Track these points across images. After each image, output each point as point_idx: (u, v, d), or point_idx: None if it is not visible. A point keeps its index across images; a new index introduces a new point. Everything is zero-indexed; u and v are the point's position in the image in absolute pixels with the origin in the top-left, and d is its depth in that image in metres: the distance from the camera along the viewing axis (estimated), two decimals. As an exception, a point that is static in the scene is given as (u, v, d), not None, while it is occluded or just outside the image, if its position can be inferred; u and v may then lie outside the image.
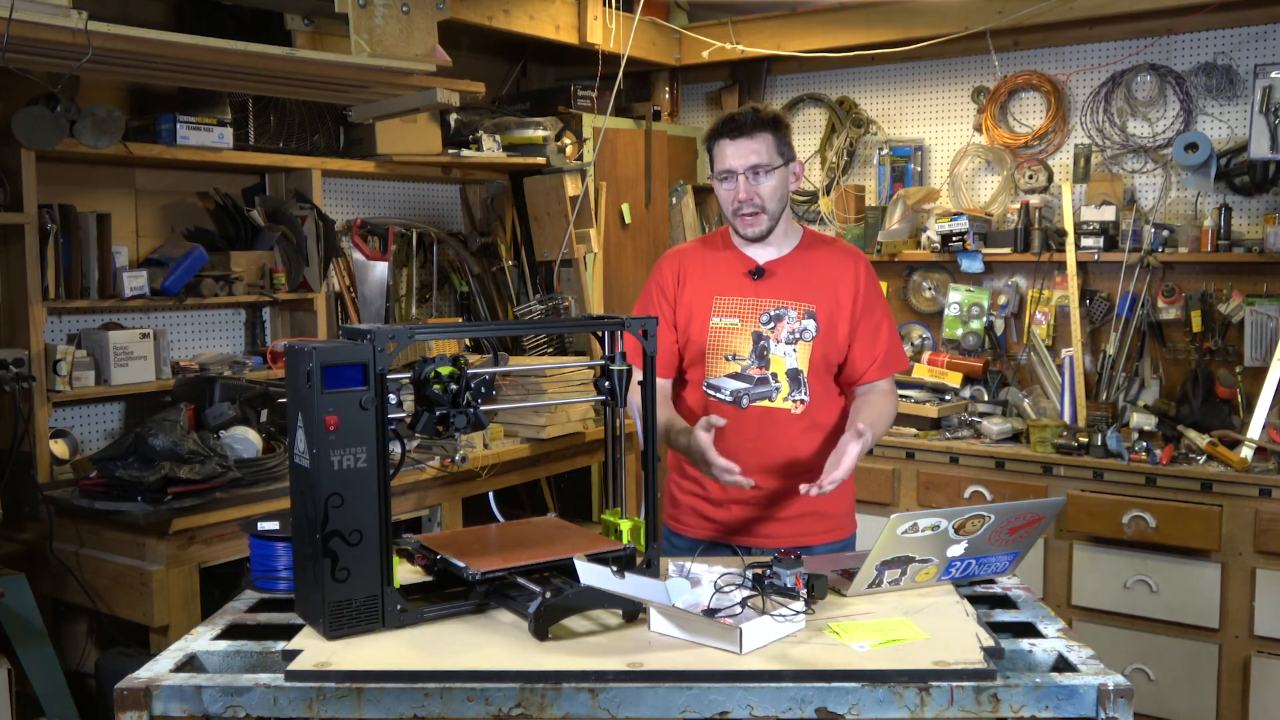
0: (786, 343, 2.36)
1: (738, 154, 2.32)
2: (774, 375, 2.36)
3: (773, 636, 1.63)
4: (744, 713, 1.51)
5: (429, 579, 1.87)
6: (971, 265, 4.27)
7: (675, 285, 2.46)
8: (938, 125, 4.58)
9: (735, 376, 2.37)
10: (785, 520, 2.39)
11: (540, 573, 1.78)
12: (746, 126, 2.32)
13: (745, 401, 2.35)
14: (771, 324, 2.37)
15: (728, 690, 1.51)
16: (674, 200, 4.92)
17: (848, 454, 2.13)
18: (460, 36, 4.31)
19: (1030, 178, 4.31)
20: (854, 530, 2.51)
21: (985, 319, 4.33)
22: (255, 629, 1.78)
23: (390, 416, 1.68)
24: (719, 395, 2.38)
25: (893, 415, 2.44)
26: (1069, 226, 4.08)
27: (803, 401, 2.36)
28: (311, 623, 1.69)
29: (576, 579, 1.68)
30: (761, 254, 2.43)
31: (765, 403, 2.36)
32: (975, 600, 1.89)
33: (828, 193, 4.74)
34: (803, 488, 2.11)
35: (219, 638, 1.72)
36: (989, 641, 1.63)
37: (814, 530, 2.40)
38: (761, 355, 2.36)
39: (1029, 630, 1.77)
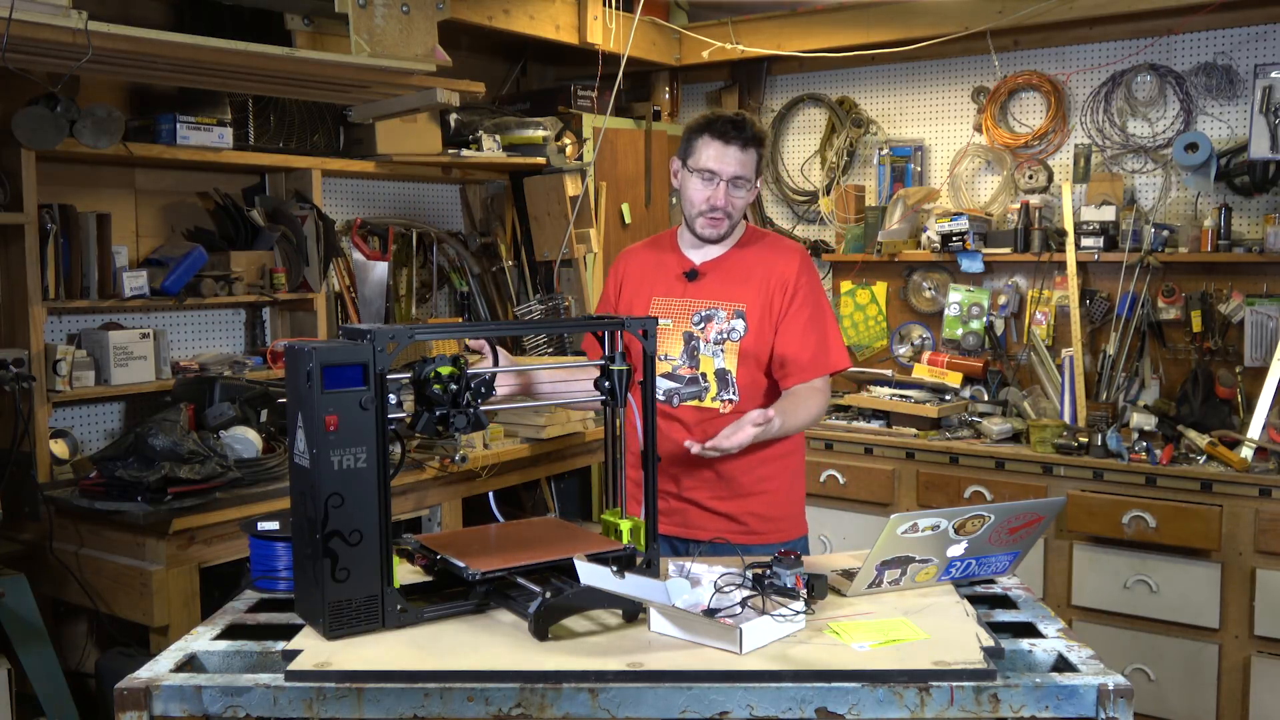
0: (715, 343, 2.38)
1: (728, 160, 2.33)
2: (704, 375, 2.39)
3: (773, 636, 1.63)
4: (744, 713, 1.51)
5: (429, 579, 1.87)
6: (971, 265, 4.27)
7: (615, 294, 2.56)
8: (938, 125, 4.58)
9: (667, 376, 2.40)
10: (718, 516, 2.39)
11: (540, 573, 1.78)
12: (745, 139, 2.33)
13: (676, 401, 2.39)
14: (702, 324, 2.40)
15: (728, 690, 1.51)
16: (674, 200, 4.92)
17: (742, 432, 2.11)
18: (460, 36, 4.31)
19: (1030, 178, 4.31)
20: (802, 535, 2.49)
21: (985, 319, 4.33)
22: (255, 629, 1.78)
23: (390, 416, 1.68)
24: None
25: (817, 412, 2.37)
26: (1069, 226, 4.08)
27: (731, 401, 2.38)
28: (311, 623, 1.69)
29: (576, 579, 1.68)
30: (699, 254, 2.46)
31: (695, 402, 2.39)
32: (975, 600, 1.89)
33: (828, 193, 4.74)
34: (687, 442, 2.15)
35: (219, 638, 1.72)
36: (989, 641, 1.63)
37: (752, 530, 2.39)
38: (692, 355, 2.40)
39: (1029, 630, 1.77)
